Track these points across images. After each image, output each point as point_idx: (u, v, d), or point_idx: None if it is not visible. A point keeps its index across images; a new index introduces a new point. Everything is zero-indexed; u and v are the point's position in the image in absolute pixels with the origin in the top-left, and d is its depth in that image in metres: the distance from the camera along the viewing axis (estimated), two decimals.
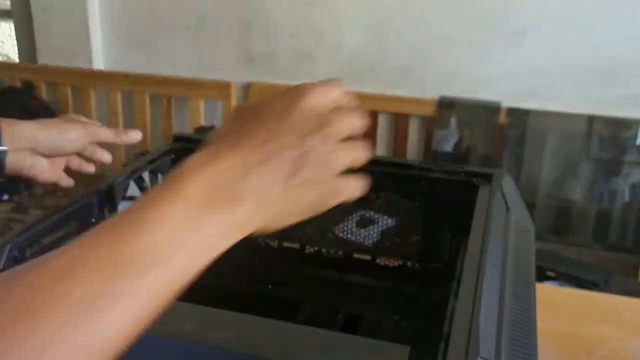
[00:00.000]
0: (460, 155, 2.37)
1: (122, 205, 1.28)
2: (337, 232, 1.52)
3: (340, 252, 1.45)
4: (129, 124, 2.70)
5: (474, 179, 1.27)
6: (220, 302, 1.39)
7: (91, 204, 1.23)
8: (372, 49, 2.41)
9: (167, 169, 1.41)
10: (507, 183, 1.24)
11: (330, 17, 2.43)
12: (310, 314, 1.31)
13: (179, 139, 1.48)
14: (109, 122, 2.71)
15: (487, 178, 1.28)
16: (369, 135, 2.47)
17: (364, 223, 1.47)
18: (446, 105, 2.37)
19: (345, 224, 1.44)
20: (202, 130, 2.48)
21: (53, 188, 2.60)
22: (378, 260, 1.43)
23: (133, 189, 1.30)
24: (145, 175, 1.33)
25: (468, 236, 1.31)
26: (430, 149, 2.40)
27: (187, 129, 2.59)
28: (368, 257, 1.44)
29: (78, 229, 1.21)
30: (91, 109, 2.73)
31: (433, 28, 2.34)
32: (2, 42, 3.19)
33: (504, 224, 1.10)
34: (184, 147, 1.47)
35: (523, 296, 1.00)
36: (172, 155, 1.44)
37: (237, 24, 2.53)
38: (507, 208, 1.17)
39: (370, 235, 1.44)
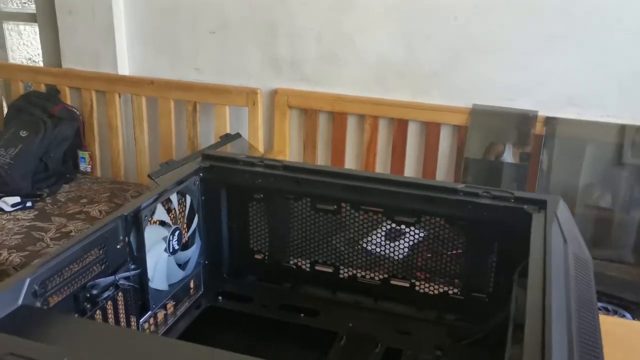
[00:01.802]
0: (493, 166, 2.26)
1: (149, 231, 1.19)
2: (365, 244, 1.42)
3: (377, 278, 1.36)
4: (153, 130, 2.63)
5: (525, 207, 1.17)
6: (251, 331, 1.30)
7: (116, 229, 1.15)
8: (402, 54, 2.31)
9: (196, 190, 1.32)
10: (562, 210, 1.14)
11: (358, 21, 2.33)
12: (346, 347, 1.21)
13: (207, 157, 1.39)
14: (133, 127, 2.63)
15: (541, 205, 1.18)
16: (398, 144, 2.37)
17: (393, 236, 1.37)
18: (479, 113, 2.26)
19: (374, 236, 1.34)
20: (228, 137, 2.39)
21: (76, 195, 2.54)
22: (417, 288, 1.33)
23: (160, 212, 1.22)
24: (174, 197, 1.25)
25: (518, 267, 1.20)
26: (462, 160, 2.29)
27: (212, 136, 2.51)
28: (406, 284, 1.34)
29: (103, 256, 1.13)
30: (115, 114, 2.65)
31: (466, 33, 2.22)
32: (26, 45, 3.13)
33: (563, 260, 1.00)
34: (213, 166, 1.38)
35: (590, 343, 0.90)
36: (201, 174, 1.36)
37: (263, 28, 2.44)
38: (565, 240, 1.06)
39: (400, 250, 1.33)
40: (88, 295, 1.05)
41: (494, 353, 1.15)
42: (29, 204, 2.43)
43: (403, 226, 1.28)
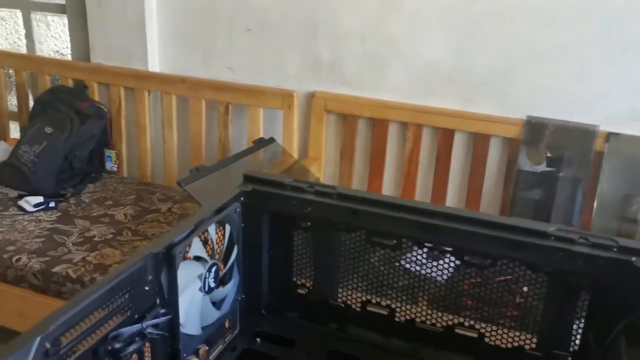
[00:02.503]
0: (547, 183, 2.03)
1: (182, 268, 0.99)
2: (404, 262, 1.22)
3: (439, 325, 1.15)
4: (183, 131, 2.43)
5: (634, 259, 0.95)
6: None
7: (145, 269, 0.94)
8: (451, 59, 2.08)
9: (237, 218, 1.12)
10: None
11: (406, 23, 2.11)
12: None
13: (249, 179, 1.18)
14: (162, 127, 2.44)
15: None
16: (443, 155, 2.15)
17: (435, 256, 1.16)
18: (534, 126, 2.03)
19: (414, 254, 1.12)
20: (261, 142, 2.19)
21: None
22: (487, 339, 1.13)
23: (196, 246, 1.02)
24: (211, 228, 1.05)
25: (618, 328, 0.99)
26: (512, 174, 2.07)
27: (245, 140, 2.31)
28: (474, 334, 1.13)
29: (128, 301, 0.93)
30: (144, 112, 2.47)
31: (523, 38, 1.99)
32: (54, 37, 2.96)
33: None
34: (256, 190, 1.18)
35: None
36: (242, 199, 1.15)
37: (302, 27, 2.23)
38: None
39: (443, 270, 1.12)
40: (110, 348, 0.85)
41: None
42: (52, 204, 2.26)
43: (474, 268, 1.07)
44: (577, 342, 1.03)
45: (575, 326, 1.03)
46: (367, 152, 2.27)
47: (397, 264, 1.14)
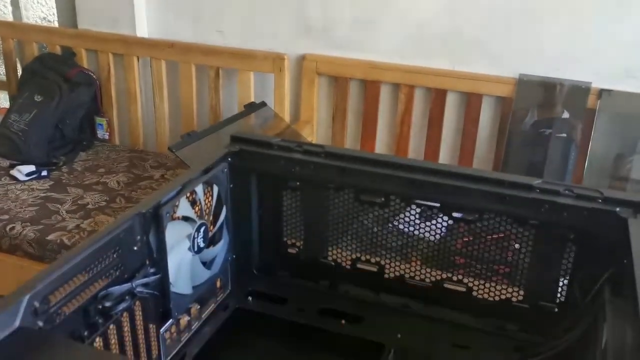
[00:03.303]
0: (539, 141, 2.03)
1: (171, 228, 1.00)
2: (396, 223, 1.23)
3: (427, 280, 1.17)
4: (173, 97, 2.42)
5: (618, 209, 0.96)
6: (286, 339, 1.12)
7: (133, 229, 0.95)
8: (443, 18, 2.06)
9: (224, 179, 1.12)
10: None
11: None
12: None
13: (236, 139, 1.18)
14: (153, 93, 2.43)
15: (637, 207, 0.96)
16: (435, 116, 2.15)
17: (427, 216, 1.17)
18: (526, 84, 2.03)
19: (406, 214, 1.13)
20: (252, 106, 2.18)
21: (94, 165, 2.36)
22: (475, 293, 1.14)
23: (184, 206, 1.02)
24: (199, 189, 1.05)
25: (602, 279, 1.00)
26: (505, 134, 2.07)
27: (236, 104, 2.30)
28: (462, 289, 1.15)
29: (117, 260, 0.94)
30: (134, 78, 2.44)
31: None
32: (40, 4, 2.91)
33: None
34: (243, 150, 1.18)
35: None
36: (229, 159, 1.15)
37: None
38: None
39: (435, 230, 1.14)
40: (100, 307, 0.87)
41: None
42: (44, 172, 2.26)
43: (462, 224, 1.08)
44: (563, 293, 1.05)
45: (561, 278, 1.05)
46: (359, 114, 2.26)
47: (389, 224, 1.15)
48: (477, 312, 1.11)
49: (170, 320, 1.00)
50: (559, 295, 1.06)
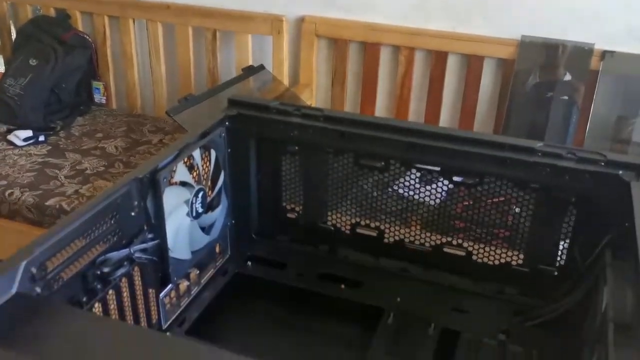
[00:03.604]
0: (541, 104, 2.01)
1: (168, 193, 0.99)
2: (396, 187, 1.21)
3: (427, 244, 1.16)
4: (171, 60, 2.38)
5: (621, 172, 0.94)
6: (285, 304, 1.12)
7: (130, 194, 0.94)
8: None
9: (222, 143, 1.10)
10: None
11: None
12: (394, 326, 1.03)
13: (234, 103, 1.16)
14: (149, 56, 2.39)
15: (639, 170, 0.95)
16: (436, 79, 2.12)
17: (428, 180, 1.15)
18: (528, 46, 1.99)
19: (407, 179, 1.12)
20: (250, 70, 2.15)
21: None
22: (475, 257, 1.14)
23: (181, 171, 1.00)
24: (196, 153, 1.03)
25: (603, 242, 0.99)
26: (507, 97, 2.04)
27: (234, 68, 2.26)
28: (462, 253, 1.14)
29: (115, 226, 0.93)
30: (130, 41, 2.40)
31: None
32: None
33: None
34: (241, 114, 1.16)
35: None
36: (227, 124, 1.13)
37: None
38: None
39: (435, 194, 1.14)
40: (98, 272, 0.86)
41: (567, 338, 0.97)
42: (41, 138, 2.24)
43: (462, 187, 1.07)
44: (563, 257, 1.05)
45: (561, 242, 1.04)
46: (359, 77, 2.23)
47: (389, 189, 1.14)
48: (477, 276, 1.11)
49: (170, 285, 1.00)
50: (558, 259, 1.06)
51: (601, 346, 0.77)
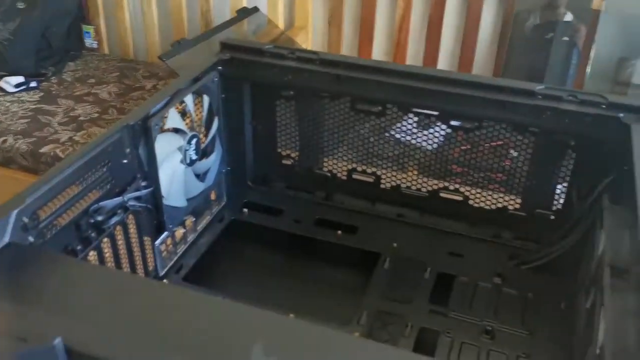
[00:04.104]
0: (541, 47, 1.96)
1: (161, 140, 0.96)
2: (393, 132, 1.20)
3: (424, 190, 1.15)
4: (163, 3, 2.31)
5: (622, 115, 0.92)
6: (282, 249, 1.12)
7: (121, 141, 0.91)
8: None
9: (215, 88, 1.07)
10: None
11: None
12: (390, 271, 1.03)
13: (226, 46, 1.12)
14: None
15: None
16: (434, 22, 2.06)
17: (425, 124, 1.13)
18: None
19: (404, 123, 1.10)
20: (244, 12, 2.08)
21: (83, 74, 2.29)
22: (471, 201, 1.13)
23: (173, 118, 0.98)
24: (189, 99, 1.00)
25: (600, 186, 0.98)
26: (506, 40, 1.99)
27: (228, 10, 2.19)
28: (459, 197, 1.13)
29: (107, 174, 0.91)
30: None
31: None
32: None
33: None
34: (234, 58, 1.12)
35: None
36: (220, 68, 1.10)
37: None
38: None
39: (432, 139, 1.12)
40: (92, 221, 0.85)
41: (562, 282, 0.97)
42: (33, 83, 2.19)
43: (460, 132, 1.05)
44: (560, 201, 1.04)
45: (559, 186, 1.03)
46: (357, 19, 2.17)
47: (386, 134, 1.12)
48: (473, 220, 1.10)
49: (165, 232, 0.99)
50: (555, 203, 1.05)
51: (597, 289, 0.77)
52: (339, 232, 1.10)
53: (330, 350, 0.52)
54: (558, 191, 1.04)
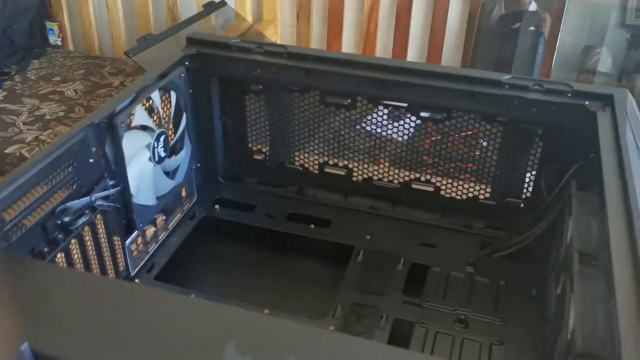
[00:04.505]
0: (507, 37, 1.98)
1: (128, 138, 0.94)
2: (364, 124, 1.19)
3: (396, 181, 1.15)
4: None
5: (587, 103, 0.93)
6: (255, 245, 1.11)
7: (86, 140, 0.89)
8: None
9: (182, 84, 1.05)
10: (632, 108, 0.91)
11: None
12: (364, 263, 1.03)
13: (192, 41, 1.10)
14: None
15: (606, 100, 0.93)
16: (403, 13, 2.07)
17: (395, 116, 1.13)
18: None
19: (374, 116, 1.09)
20: (212, 6, 2.05)
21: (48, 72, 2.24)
22: (443, 192, 1.13)
23: (140, 115, 0.96)
24: (155, 95, 0.98)
25: (567, 175, 0.99)
26: (473, 31, 2.00)
27: (195, 5, 2.16)
28: (430, 188, 1.14)
29: (72, 174, 0.89)
30: None
31: None
32: None
33: None
34: (201, 53, 1.10)
35: None
36: (187, 63, 1.08)
37: None
38: (638, 147, 0.85)
39: (403, 131, 1.10)
40: (59, 222, 0.83)
41: (533, 269, 0.98)
42: None
43: (430, 123, 1.05)
44: (529, 189, 1.05)
45: (527, 174, 1.04)
46: (325, 12, 2.16)
47: (357, 126, 1.12)
48: (445, 211, 1.11)
49: (135, 232, 0.98)
50: (525, 191, 1.06)
51: (566, 276, 0.78)
52: (312, 226, 1.10)
53: (304, 346, 0.51)
54: (527, 180, 1.05)
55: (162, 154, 1.00)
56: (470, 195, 1.10)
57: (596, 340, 0.61)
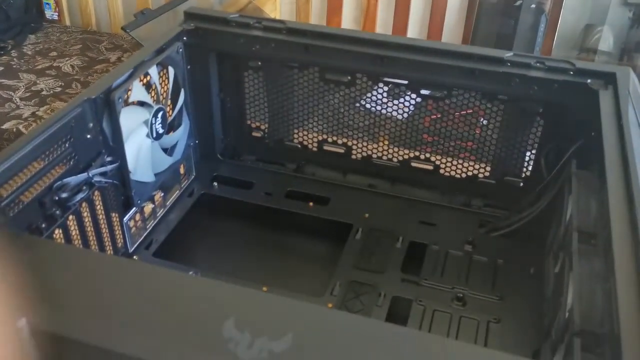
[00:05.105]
0: (509, 14, 1.95)
1: (125, 114, 0.93)
2: (364, 102, 1.18)
3: (395, 160, 1.14)
4: None
5: (589, 81, 0.92)
6: (254, 222, 1.11)
7: (83, 116, 0.88)
8: None
9: (179, 59, 1.03)
10: (635, 86, 0.90)
11: None
12: (362, 241, 1.03)
13: (190, 16, 1.08)
14: None
15: (608, 79, 0.93)
16: None
17: (395, 94, 1.12)
18: None
19: (374, 93, 1.08)
20: None
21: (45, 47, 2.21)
22: (442, 170, 1.13)
23: (138, 90, 0.95)
24: (153, 71, 0.97)
25: (568, 153, 0.98)
26: (474, 8, 1.98)
27: None
28: (430, 167, 1.13)
29: (70, 150, 0.88)
30: None
31: None
32: None
33: None
34: (199, 28, 1.08)
35: None
36: (184, 39, 1.06)
37: None
38: None
39: (403, 108, 1.10)
40: (57, 198, 0.82)
41: (532, 247, 0.98)
42: None
43: (430, 101, 1.04)
44: (529, 168, 1.04)
45: (528, 153, 1.04)
46: None
47: (357, 104, 1.10)
48: (444, 189, 1.10)
49: (134, 208, 0.97)
50: (525, 170, 1.05)
51: (565, 254, 0.78)
52: (311, 203, 1.09)
53: (303, 323, 0.51)
54: (527, 158, 1.04)
55: (160, 130, 0.99)
56: (470, 173, 1.09)
57: (594, 318, 0.61)
